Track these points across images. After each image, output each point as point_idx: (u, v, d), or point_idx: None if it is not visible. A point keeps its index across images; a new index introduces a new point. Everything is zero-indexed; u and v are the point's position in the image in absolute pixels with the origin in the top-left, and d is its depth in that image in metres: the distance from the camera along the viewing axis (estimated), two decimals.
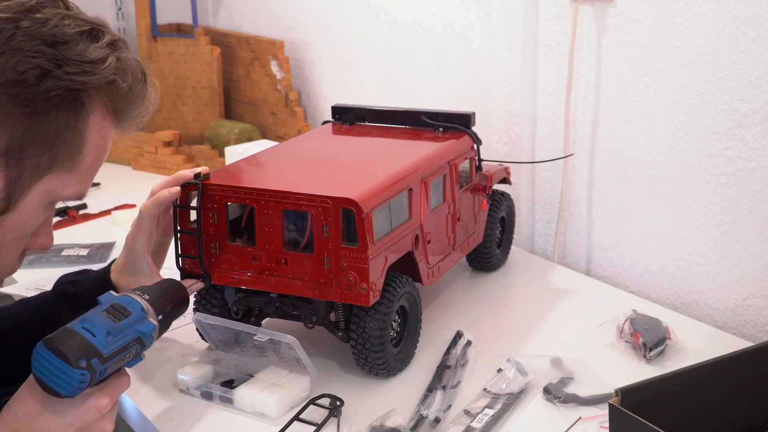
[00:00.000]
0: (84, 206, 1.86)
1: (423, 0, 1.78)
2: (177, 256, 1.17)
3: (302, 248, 1.12)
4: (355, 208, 1.06)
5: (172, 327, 1.18)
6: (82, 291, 1.12)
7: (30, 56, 0.81)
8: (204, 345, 1.24)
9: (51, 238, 0.96)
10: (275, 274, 1.12)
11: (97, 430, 0.90)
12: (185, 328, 1.29)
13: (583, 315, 1.34)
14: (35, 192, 0.86)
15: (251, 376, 1.13)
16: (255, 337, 1.12)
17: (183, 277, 1.18)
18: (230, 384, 1.13)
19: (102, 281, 1.14)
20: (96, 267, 1.53)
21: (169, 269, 1.18)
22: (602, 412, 1.06)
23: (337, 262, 1.08)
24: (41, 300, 1.16)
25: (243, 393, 1.09)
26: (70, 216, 1.79)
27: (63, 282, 1.15)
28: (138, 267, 1.13)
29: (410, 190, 1.18)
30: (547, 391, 1.12)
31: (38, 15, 0.83)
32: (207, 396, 1.12)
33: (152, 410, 1.12)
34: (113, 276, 1.15)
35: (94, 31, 0.87)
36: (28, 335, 1.04)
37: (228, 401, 1.10)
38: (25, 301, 1.17)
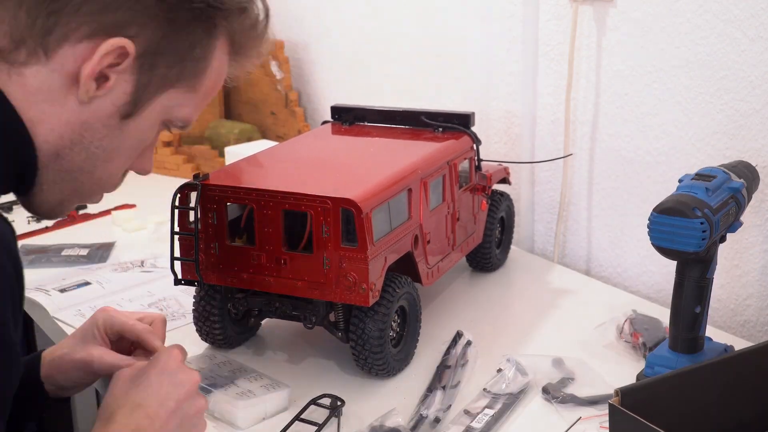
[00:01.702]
0: (84, 206, 1.86)
1: (423, 0, 1.78)
2: (172, 259, 1.17)
3: (302, 248, 1.11)
4: (354, 208, 1.06)
5: (171, 327, 1.19)
6: None
7: None
8: (204, 345, 1.24)
9: (152, 163, 0.96)
10: (275, 274, 1.12)
11: (191, 410, 0.92)
12: (185, 328, 1.29)
13: (582, 315, 1.34)
14: (158, 103, 0.87)
15: (233, 382, 1.11)
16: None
17: (176, 282, 1.17)
18: (211, 388, 1.10)
19: (31, 358, 1.06)
20: (95, 267, 1.54)
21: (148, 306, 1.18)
22: (602, 412, 1.06)
23: (336, 262, 1.08)
24: None
25: (215, 399, 1.07)
26: (70, 216, 1.79)
27: None
28: (90, 335, 1.05)
29: (410, 190, 1.18)
30: (546, 391, 1.12)
31: None
32: None
33: None
34: (47, 350, 1.06)
35: None
36: None
37: None
38: None
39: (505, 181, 1.50)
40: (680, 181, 1.07)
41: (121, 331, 1.04)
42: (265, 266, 1.13)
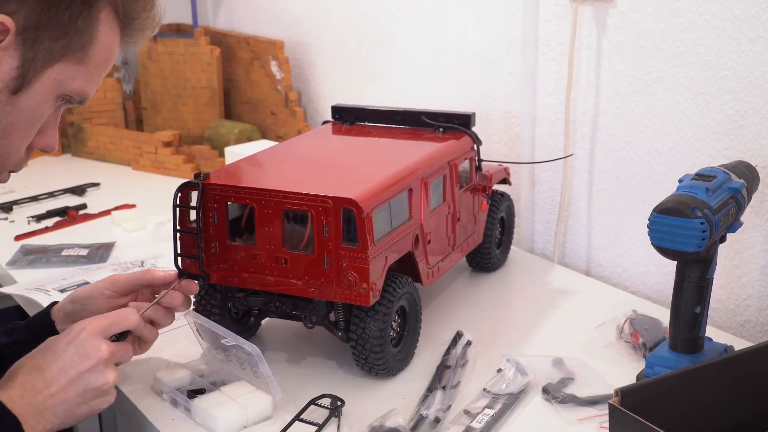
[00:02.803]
0: (84, 206, 1.86)
1: (423, 0, 1.78)
2: (176, 255, 1.17)
3: (302, 248, 1.12)
4: (355, 208, 1.06)
5: (171, 326, 1.19)
6: (17, 341, 1.09)
7: None
8: (199, 350, 1.24)
9: (55, 140, 0.97)
10: (275, 273, 1.12)
11: (96, 382, 0.94)
12: (185, 328, 1.28)
13: (582, 315, 1.34)
14: (47, 77, 0.89)
15: (219, 388, 1.10)
16: (222, 340, 1.10)
17: (181, 276, 1.18)
18: (200, 393, 1.10)
19: (42, 320, 1.12)
20: (95, 267, 1.54)
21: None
22: (602, 412, 1.06)
23: (337, 262, 1.08)
24: None
25: (198, 405, 1.06)
26: (70, 216, 1.79)
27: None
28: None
29: (410, 190, 1.18)
30: (546, 391, 1.12)
31: None
32: (174, 402, 1.10)
33: (122, 407, 1.12)
34: (56, 311, 1.12)
35: None
36: None
37: (188, 411, 1.08)
38: None
39: (505, 181, 1.50)
40: (680, 181, 1.08)
41: (131, 283, 1.12)
42: (265, 266, 1.13)
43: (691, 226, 1.00)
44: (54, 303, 1.15)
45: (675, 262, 1.07)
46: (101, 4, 0.91)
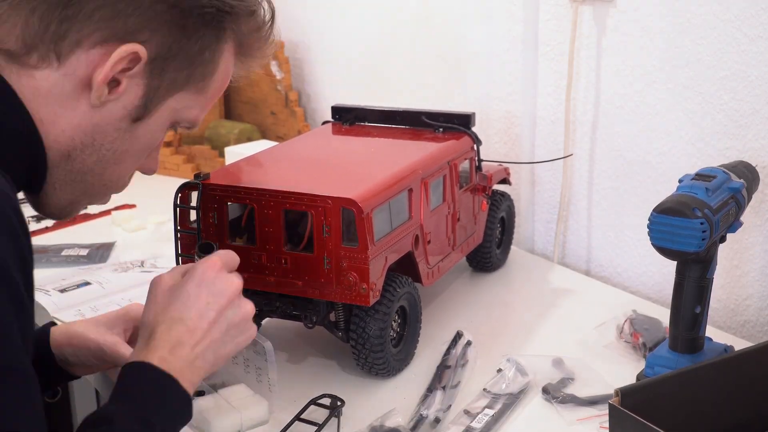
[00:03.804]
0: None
1: (423, 0, 1.78)
2: (177, 256, 1.17)
3: (302, 248, 1.11)
4: (355, 208, 1.06)
5: None
6: None
7: None
8: None
9: (157, 163, 0.97)
10: (275, 274, 1.12)
11: (236, 317, 0.93)
12: None
13: (582, 315, 1.34)
14: (167, 106, 0.89)
15: (216, 390, 1.09)
16: None
17: None
18: (200, 394, 1.09)
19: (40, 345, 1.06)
20: (95, 267, 1.54)
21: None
22: (602, 412, 1.06)
23: (337, 262, 1.08)
24: None
25: (194, 407, 1.05)
26: None
27: None
28: (112, 323, 1.08)
29: (410, 190, 1.18)
30: (546, 391, 1.12)
31: None
32: None
33: None
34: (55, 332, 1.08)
35: None
36: None
37: None
38: None
39: (505, 181, 1.50)
40: (680, 181, 1.08)
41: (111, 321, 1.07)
42: (265, 266, 1.13)
43: (691, 226, 1.00)
44: (46, 328, 1.09)
45: (675, 262, 1.07)
46: (228, 35, 0.90)
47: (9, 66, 0.82)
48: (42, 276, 1.49)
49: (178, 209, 1.15)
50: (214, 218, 1.14)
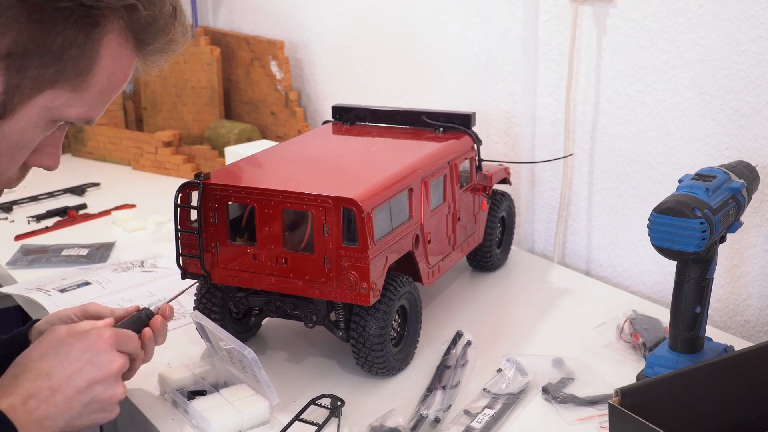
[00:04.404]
0: (84, 206, 1.86)
1: (423, 0, 1.78)
2: (178, 255, 1.17)
3: (303, 248, 1.12)
4: (355, 207, 1.06)
5: (171, 326, 1.19)
6: None
7: None
8: (204, 345, 1.24)
9: (56, 159, 0.91)
10: (276, 273, 1.12)
11: (104, 395, 0.91)
12: (185, 327, 1.29)
13: (583, 315, 1.34)
14: (35, 104, 0.83)
15: (217, 390, 1.09)
16: (220, 342, 1.10)
17: (184, 277, 1.18)
18: (201, 394, 1.10)
19: (17, 335, 1.07)
20: (95, 267, 1.54)
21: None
22: (602, 412, 1.06)
23: (337, 261, 1.08)
24: None
25: (195, 406, 1.06)
26: (70, 216, 1.79)
27: None
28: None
29: (411, 190, 1.18)
30: (546, 391, 1.12)
31: None
32: (174, 403, 1.10)
33: (124, 405, 1.12)
34: (34, 329, 1.08)
35: None
36: None
37: (186, 412, 1.08)
38: None
39: (505, 181, 1.50)
40: (680, 181, 1.08)
41: (96, 315, 1.06)
42: (266, 265, 1.13)
43: (691, 226, 1.00)
44: (34, 322, 1.10)
45: (675, 262, 1.07)
46: (104, 30, 0.84)
47: None
48: (42, 276, 1.49)
49: (178, 209, 1.16)
50: (214, 218, 1.14)
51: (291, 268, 1.11)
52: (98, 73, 0.85)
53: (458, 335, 1.23)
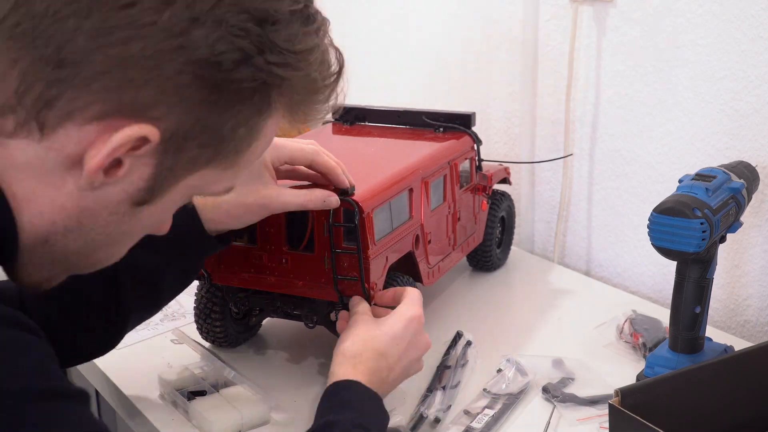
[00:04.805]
0: None
1: (423, 0, 1.78)
2: None
3: (303, 248, 1.11)
4: (356, 208, 1.06)
5: (172, 326, 1.19)
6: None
7: (234, 34, 0.65)
8: (204, 345, 1.24)
9: (168, 226, 0.80)
10: (276, 274, 1.12)
11: (413, 370, 1.02)
12: (185, 327, 1.29)
13: (582, 315, 1.34)
14: (183, 185, 0.72)
15: (218, 390, 1.10)
16: (199, 366, 1.15)
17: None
18: (201, 395, 1.10)
19: (182, 207, 0.89)
20: None
21: None
22: (602, 412, 1.06)
23: (338, 262, 1.08)
24: None
25: (195, 407, 1.06)
26: None
27: None
28: (257, 174, 0.99)
29: (411, 190, 1.18)
30: (545, 390, 1.12)
31: None
32: (174, 404, 1.10)
33: (123, 406, 1.13)
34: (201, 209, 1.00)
35: (306, 9, 0.72)
36: (93, 287, 0.94)
37: (186, 412, 1.08)
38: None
39: (505, 181, 1.50)
40: (680, 181, 1.08)
41: (291, 160, 1.03)
42: (266, 266, 1.13)
43: (691, 226, 1.00)
44: (196, 221, 1.01)
45: (675, 262, 1.07)
46: (275, 107, 0.71)
47: None
48: None
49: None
50: None
51: (291, 268, 1.11)
52: (255, 148, 0.74)
53: (458, 335, 1.23)
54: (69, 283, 0.77)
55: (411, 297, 1.04)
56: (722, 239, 1.08)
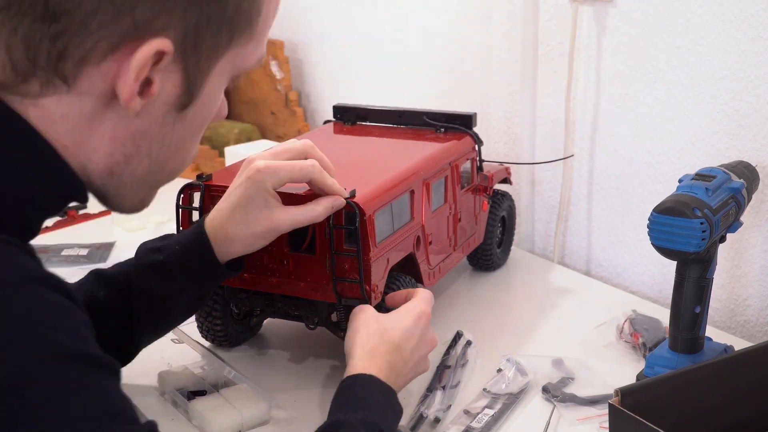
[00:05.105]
0: (84, 206, 1.86)
1: (423, 0, 1.78)
2: None
3: (304, 249, 1.11)
4: (357, 210, 1.06)
5: (177, 326, 1.19)
6: (170, 256, 1.02)
7: None
8: (204, 344, 1.24)
9: (225, 107, 0.81)
10: (277, 275, 1.12)
11: (422, 367, 1.05)
12: (185, 327, 1.28)
13: (582, 315, 1.34)
14: (216, 73, 0.73)
15: (218, 390, 1.10)
16: (199, 365, 1.15)
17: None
18: (201, 394, 1.10)
19: (195, 239, 1.03)
20: (95, 267, 1.53)
21: None
22: (602, 412, 1.06)
23: (339, 264, 1.08)
24: (121, 273, 1.04)
25: (195, 407, 1.06)
26: (70, 216, 1.79)
27: (146, 250, 1.04)
28: (262, 202, 1.01)
29: (412, 191, 1.18)
30: (545, 390, 1.12)
31: None
32: (174, 403, 1.10)
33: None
34: (209, 227, 1.03)
35: None
36: (106, 312, 1.00)
37: (186, 412, 1.08)
38: (99, 274, 1.06)
39: (506, 180, 1.50)
40: (680, 181, 1.08)
41: (290, 180, 1.04)
42: (267, 267, 1.12)
43: (691, 226, 1.00)
44: (201, 223, 1.05)
45: (675, 262, 1.07)
46: None
47: (9, 98, 0.68)
48: None
49: (180, 210, 1.15)
50: None
51: (293, 270, 1.11)
52: (264, 11, 0.75)
53: (458, 335, 1.23)
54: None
55: (422, 295, 1.07)
56: (722, 239, 1.08)
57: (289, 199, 1.06)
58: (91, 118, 0.70)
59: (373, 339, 0.99)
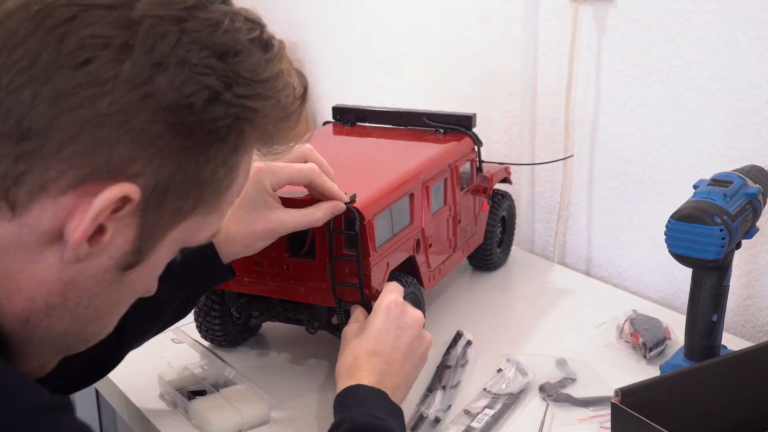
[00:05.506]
0: None
1: (423, 0, 1.78)
2: None
3: (304, 254, 1.11)
4: (357, 215, 1.06)
5: (177, 326, 1.19)
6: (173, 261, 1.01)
7: (199, 72, 0.62)
8: (204, 344, 1.24)
9: (155, 285, 0.76)
10: (277, 280, 1.12)
11: (421, 347, 1.02)
12: (185, 327, 1.29)
13: (582, 315, 1.34)
14: (169, 240, 0.68)
15: (217, 390, 1.10)
16: (199, 365, 1.15)
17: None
18: (201, 394, 1.10)
19: (205, 248, 0.99)
20: None
21: None
22: (601, 412, 1.06)
23: (339, 268, 1.08)
24: None
25: (195, 407, 1.06)
26: None
27: None
28: (261, 201, 1.00)
29: (411, 195, 1.18)
30: (542, 389, 1.12)
31: (206, 14, 0.64)
32: (174, 403, 1.11)
33: (123, 405, 1.13)
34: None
35: (263, 35, 0.69)
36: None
37: (186, 412, 1.08)
38: None
39: (506, 180, 1.50)
40: (695, 186, 1.06)
41: (290, 182, 1.03)
42: (267, 272, 1.12)
43: (711, 233, 0.98)
44: (212, 251, 1.02)
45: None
46: (250, 140, 0.68)
47: None
48: None
49: None
50: None
51: (292, 274, 1.11)
52: (235, 187, 0.71)
53: (458, 335, 1.23)
54: None
55: (384, 289, 1.06)
56: (737, 246, 1.06)
57: (289, 204, 1.06)
58: (26, 252, 0.62)
59: (348, 359, 0.98)
